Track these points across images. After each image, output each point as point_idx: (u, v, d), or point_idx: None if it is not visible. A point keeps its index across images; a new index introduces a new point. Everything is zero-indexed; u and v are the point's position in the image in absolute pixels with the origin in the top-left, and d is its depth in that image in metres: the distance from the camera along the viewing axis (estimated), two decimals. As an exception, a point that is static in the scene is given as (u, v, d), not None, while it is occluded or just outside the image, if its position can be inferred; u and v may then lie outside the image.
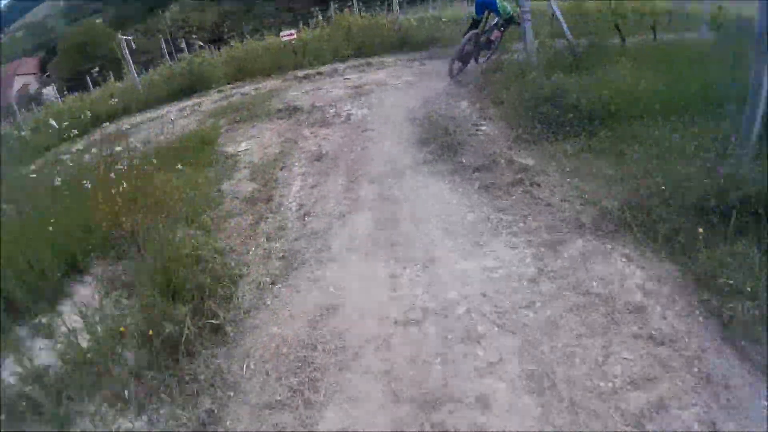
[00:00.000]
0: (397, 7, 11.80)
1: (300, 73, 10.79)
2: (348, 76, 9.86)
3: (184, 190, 5.49)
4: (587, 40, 7.53)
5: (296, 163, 6.07)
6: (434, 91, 7.90)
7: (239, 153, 6.82)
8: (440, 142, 5.80)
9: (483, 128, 6.14)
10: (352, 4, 12.26)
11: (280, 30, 12.84)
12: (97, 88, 18.31)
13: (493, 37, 8.65)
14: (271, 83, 10.56)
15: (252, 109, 8.51)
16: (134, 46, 12.68)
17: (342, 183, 5.35)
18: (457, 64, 8.58)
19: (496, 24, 8.49)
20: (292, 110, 8.01)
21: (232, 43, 12.86)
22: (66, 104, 16.38)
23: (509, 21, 8.38)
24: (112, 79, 17.24)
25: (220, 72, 11.82)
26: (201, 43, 12.18)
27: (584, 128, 5.36)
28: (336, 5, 12.14)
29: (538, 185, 4.70)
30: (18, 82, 50.57)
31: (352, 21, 11.70)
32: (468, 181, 4.96)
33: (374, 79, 9.22)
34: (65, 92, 21.74)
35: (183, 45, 20.09)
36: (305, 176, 5.69)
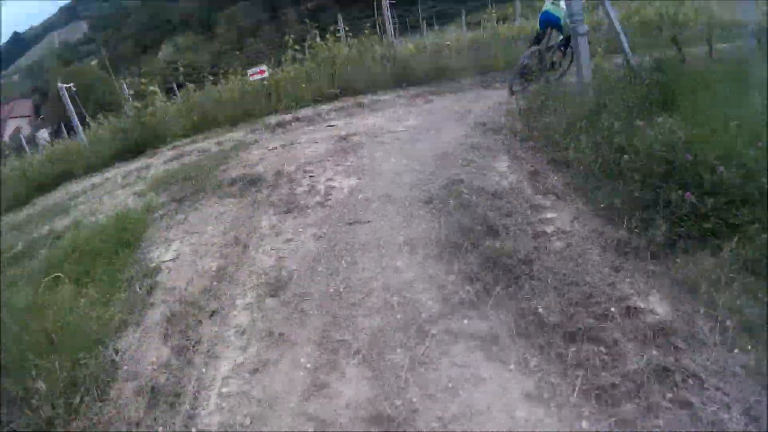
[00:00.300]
0: (392, 31, 9.26)
1: (273, 120, 8.26)
2: (333, 122, 7.32)
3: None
4: (650, 58, 5.27)
5: (238, 301, 3.50)
6: (452, 142, 5.39)
7: (163, 265, 4.28)
8: (483, 253, 3.27)
9: (550, 217, 3.57)
10: (337, 30, 9.70)
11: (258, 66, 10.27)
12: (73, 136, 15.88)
13: (555, 58, 7.42)
14: (237, 135, 8.03)
15: (201, 178, 5.96)
16: (74, 90, 10.18)
17: (307, 365, 2.73)
18: (518, 81, 7.33)
19: (559, 43, 7.28)
20: (251, 182, 5.45)
21: (190, 88, 10.28)
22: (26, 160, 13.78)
23: (569, 39, 6.88)
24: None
25: (177, 123, 9.28)
26: (154, 88, 9.57)
27: (731, 224, 2.91)
28: (315, 31, 9.54)
29: (700, 380, 2.23)
30: (11, 126, 48.74)
31: (337, 51, 9.16)
32: (556, 369, 2.38)
33: (367, 126, 6.68)
34: (62, 135, 20.63)
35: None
36: (246, 338, 3.08)
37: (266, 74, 9.18)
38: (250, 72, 9.25)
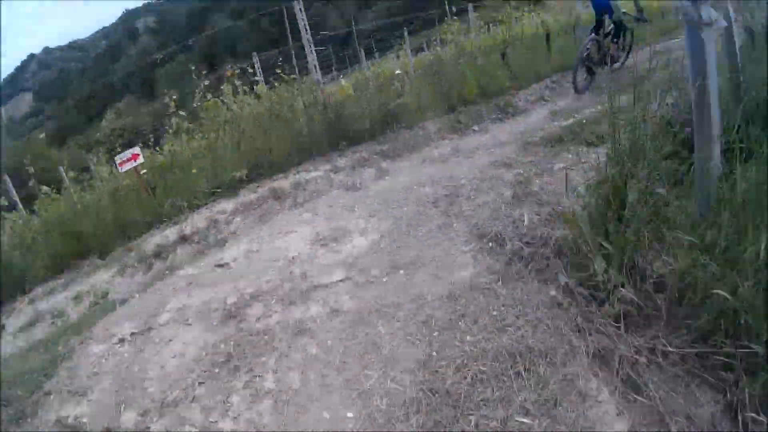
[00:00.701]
0: (316, 68, 6.20)
1: (152, 243, 5.14)
2: (228, 251, 4.24)
3: None
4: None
5: None
6: (453, 323, 2.45)
7: None
8: None
9: None
10: (236, 75, 6.52)
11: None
12: None
13: (613, 52, 6.85)
14: (102, 278, 4.92)
15: (14, 413, 2.95)
16: None
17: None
18: (581, 74, 6.71)
19: (609, 33, 6.78)
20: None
21: (44, 201, 6.97)
22: None
23: (619, 27, 6.77)
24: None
25: (35, 256, 6.08)
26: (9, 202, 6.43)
27: None
28: (206, 82, 6.37)
29: None
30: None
31: (239, 110, 6.05)
32: None
33: (281, 262, 3.64)
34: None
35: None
36: None
37: (141, 159, 6.05)
38: (118, 160, 6.09)
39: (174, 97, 6.46)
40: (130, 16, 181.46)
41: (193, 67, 6.49)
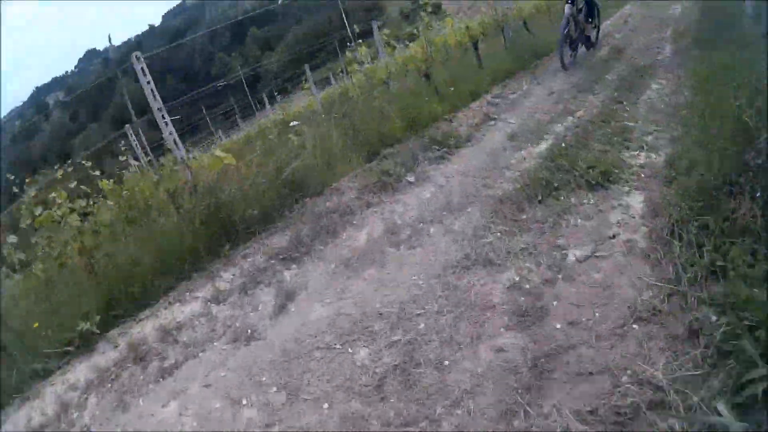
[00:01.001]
0: (176, 143, 4.41)
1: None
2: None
3: None
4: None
5: None
6: None
7: None
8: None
9: None
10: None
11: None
12: None
13: (588, 33, 7.03)
14: None
15: None
16: None
17: None
18: (567, 51, 6.70)
19: (581, 9, 6.70)
20: None
21: None
22: None
23: (591, 5, 6.84)
24: None
25: None
26: None
27: None
28: (32, 190, 4.46)
29: None
30: None
31: (80, 224, 4.17)
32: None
33: None
34: None
35: None
36: None
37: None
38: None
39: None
40: (39, 93, 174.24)
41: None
